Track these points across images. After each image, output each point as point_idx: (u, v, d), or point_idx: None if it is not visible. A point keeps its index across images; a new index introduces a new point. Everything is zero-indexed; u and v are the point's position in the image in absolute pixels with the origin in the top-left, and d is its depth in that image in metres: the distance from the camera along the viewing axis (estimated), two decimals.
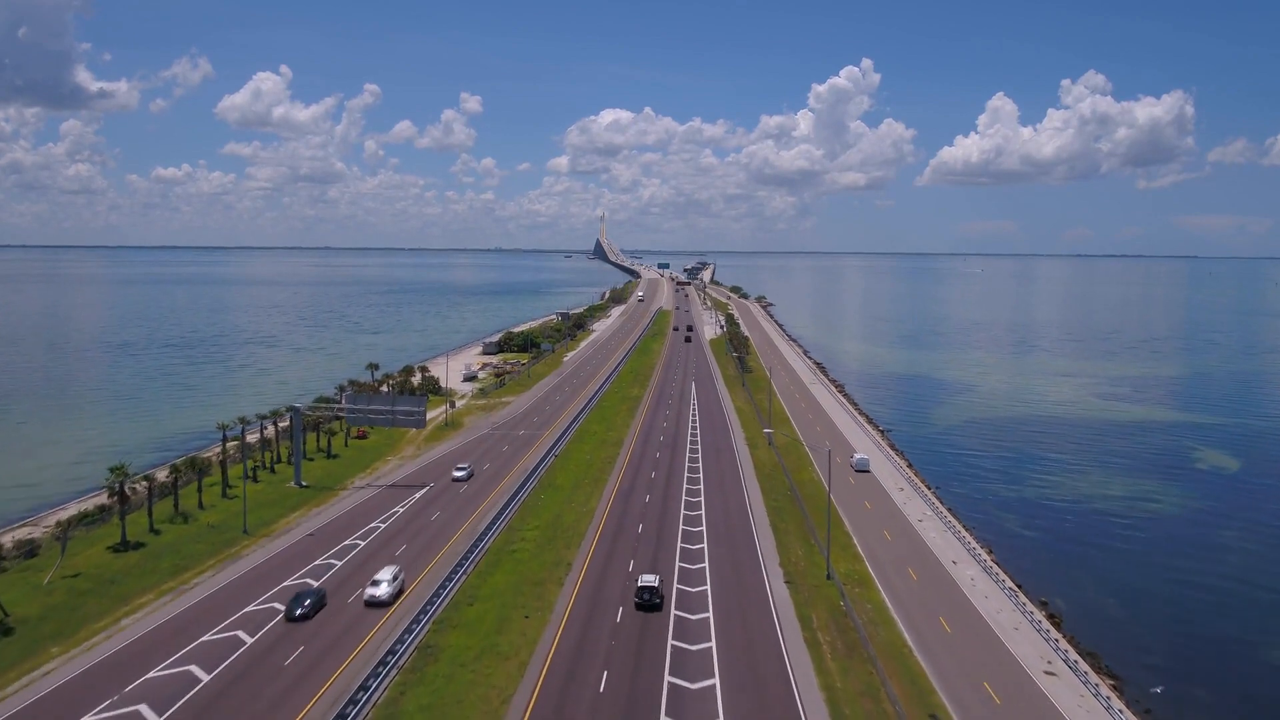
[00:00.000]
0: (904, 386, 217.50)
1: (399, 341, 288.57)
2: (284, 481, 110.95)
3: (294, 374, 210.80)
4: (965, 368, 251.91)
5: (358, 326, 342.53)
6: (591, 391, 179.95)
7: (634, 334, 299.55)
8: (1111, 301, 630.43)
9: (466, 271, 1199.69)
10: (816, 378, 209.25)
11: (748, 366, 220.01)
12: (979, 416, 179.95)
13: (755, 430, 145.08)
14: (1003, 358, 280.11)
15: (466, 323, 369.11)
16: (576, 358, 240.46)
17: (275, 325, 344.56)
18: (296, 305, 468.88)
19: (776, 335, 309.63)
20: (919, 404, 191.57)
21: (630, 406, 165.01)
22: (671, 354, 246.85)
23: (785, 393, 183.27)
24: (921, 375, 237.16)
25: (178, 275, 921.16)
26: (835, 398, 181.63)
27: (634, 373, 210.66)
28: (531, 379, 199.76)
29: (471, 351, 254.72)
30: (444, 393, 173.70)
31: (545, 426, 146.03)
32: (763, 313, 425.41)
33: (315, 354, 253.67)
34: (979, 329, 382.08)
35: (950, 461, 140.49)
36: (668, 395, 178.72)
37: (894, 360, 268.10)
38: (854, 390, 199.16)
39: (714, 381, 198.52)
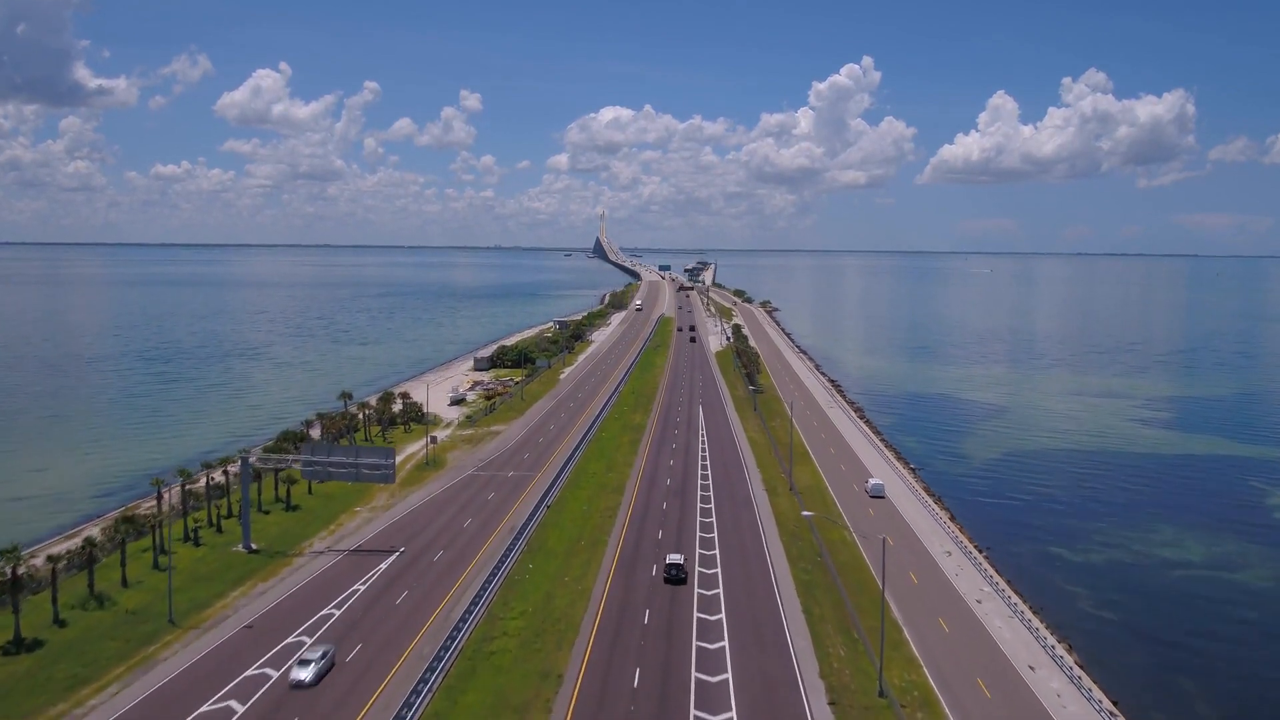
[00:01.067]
0: (928, 410, 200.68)
1: (387, 354, 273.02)
2: (232, 544, 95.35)
3: (268, 396, 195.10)
4: (990, 386, 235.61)
5: (346, 336, 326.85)
6: (590, 418, 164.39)
7: (635, 345, 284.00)
8: (1126, 305, 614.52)
9: (465, 272, 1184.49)
10: (833, 399, 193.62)
11: (758, 385, 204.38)
12: (1016, 449, 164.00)
13: (773, 470, 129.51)
14: (1028, 373, 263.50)
15: (460, 331, 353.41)
16: (574, 374, 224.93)
17: (260, 334, 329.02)
18: (286, 311, 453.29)
19: (785, 346, 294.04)
20: (948, 434, 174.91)
21: (633, 438, 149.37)
22: (676, 370, 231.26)
23: (801, 418, 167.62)
24: (944, 396, 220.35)
25: (171, 275, 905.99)
26: (856, 425, 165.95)
27: (636, 393, 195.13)
28: (525, 401, 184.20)
29: (462, 367, 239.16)
30: (427, 421, 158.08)
31: (538, 465, 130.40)
32: (768, 319, 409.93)
33: (296, 370, 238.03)
34: (997, 339, 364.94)
35: (996, 512, 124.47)
36: (673, 422, 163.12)
37: (912, 376, 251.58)
38: (875, 415, 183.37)
39: (723, 404, 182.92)
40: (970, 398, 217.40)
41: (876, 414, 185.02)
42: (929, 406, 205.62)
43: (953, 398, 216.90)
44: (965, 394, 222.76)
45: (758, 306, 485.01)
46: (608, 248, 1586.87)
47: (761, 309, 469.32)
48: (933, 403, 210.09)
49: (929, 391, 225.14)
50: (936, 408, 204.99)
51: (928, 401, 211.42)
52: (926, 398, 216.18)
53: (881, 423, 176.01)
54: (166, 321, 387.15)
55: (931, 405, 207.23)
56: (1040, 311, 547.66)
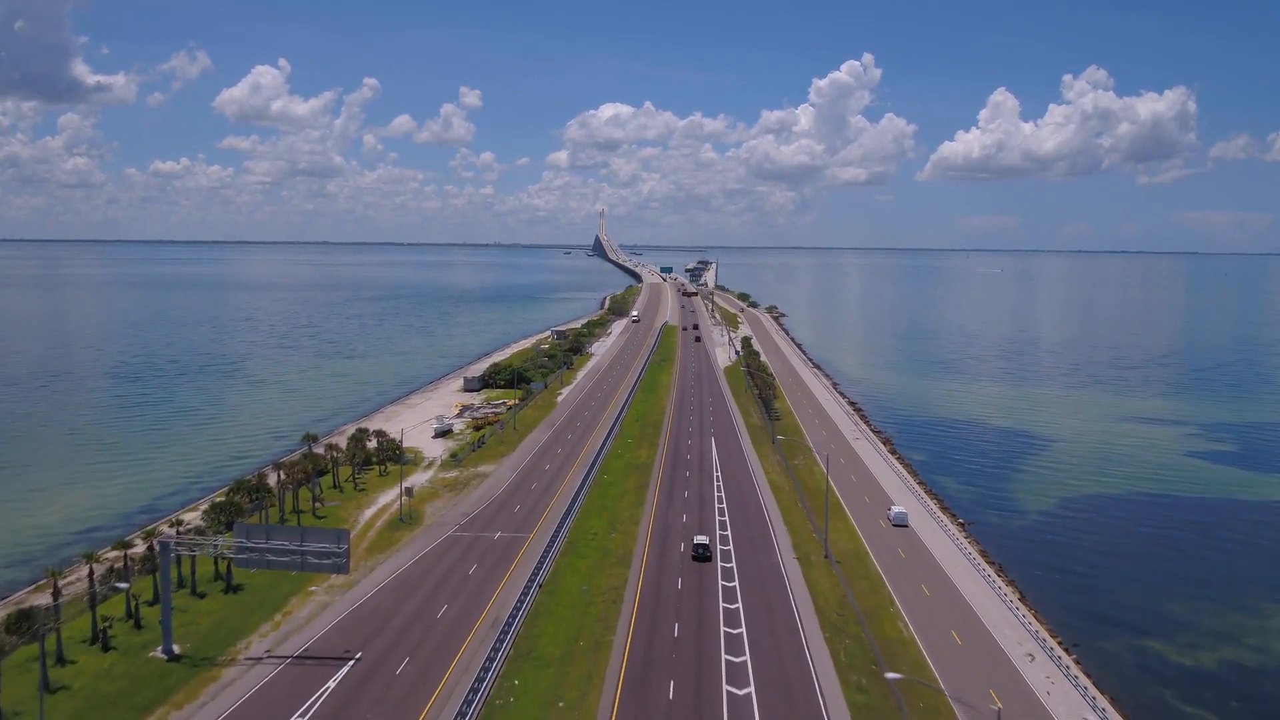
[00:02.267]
0: (964, 442, 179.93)
1: (373, 371, 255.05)
2: (151, 644, 77.63)
3: (235, 427, 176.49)
4: (1029, 410, 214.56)
5: (332, 348, 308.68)
6: (590, 455, 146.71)
7: (638, 359, 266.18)
8: (1147, 310, 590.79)
9: (463, 271, 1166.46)
10: (858, 427, 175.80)
11: (775, 411, 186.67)
12: (1081, 493, 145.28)
13: (802, 528, 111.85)
14: (1067, 392, 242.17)
15: (452, 341, 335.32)
16: (572, 395, 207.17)
17: (241, 346, 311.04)
18: (273, 317, 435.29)
19: (797, 359, 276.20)
20: (994, 475, 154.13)
21: (638, 482, 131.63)
22: (683, 391, 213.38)
23: (824, 452, 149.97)
24: (980, 423, 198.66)
25: (164, 276, 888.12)
26: (889, 464, 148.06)
27: (641, 419, 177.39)
28: (518, 432, 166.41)
29: (451, 386, 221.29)
30: (405, 461, 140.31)
31: (530, 522, 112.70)
32: (775, 326, 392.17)
33: (271, 392, 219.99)
34: (1025, 351, 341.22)
35: (1079, 594, 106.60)
36: (683, 460, 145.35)
37: (941, 399, 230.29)
38: (908, 448, 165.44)
39: (737, 436, 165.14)
40: (1011, 426, 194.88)
41: (909, 447, 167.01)
42: (960, 436, 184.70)
43: (992, 427, 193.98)
44: (1005, 421, 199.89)
45: (764, 312, 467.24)
46: (607, 245, 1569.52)
47: (768, 315, 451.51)
48: (968, 433, 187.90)
49: (961, 417, 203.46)
50: (967, 436, 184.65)
51: (963, 432, 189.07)
52: (960, 427, 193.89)
53: (915, 458, 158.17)
54: (146, 330, 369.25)
55: (961, 434, 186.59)
56: (1063, 318, 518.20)
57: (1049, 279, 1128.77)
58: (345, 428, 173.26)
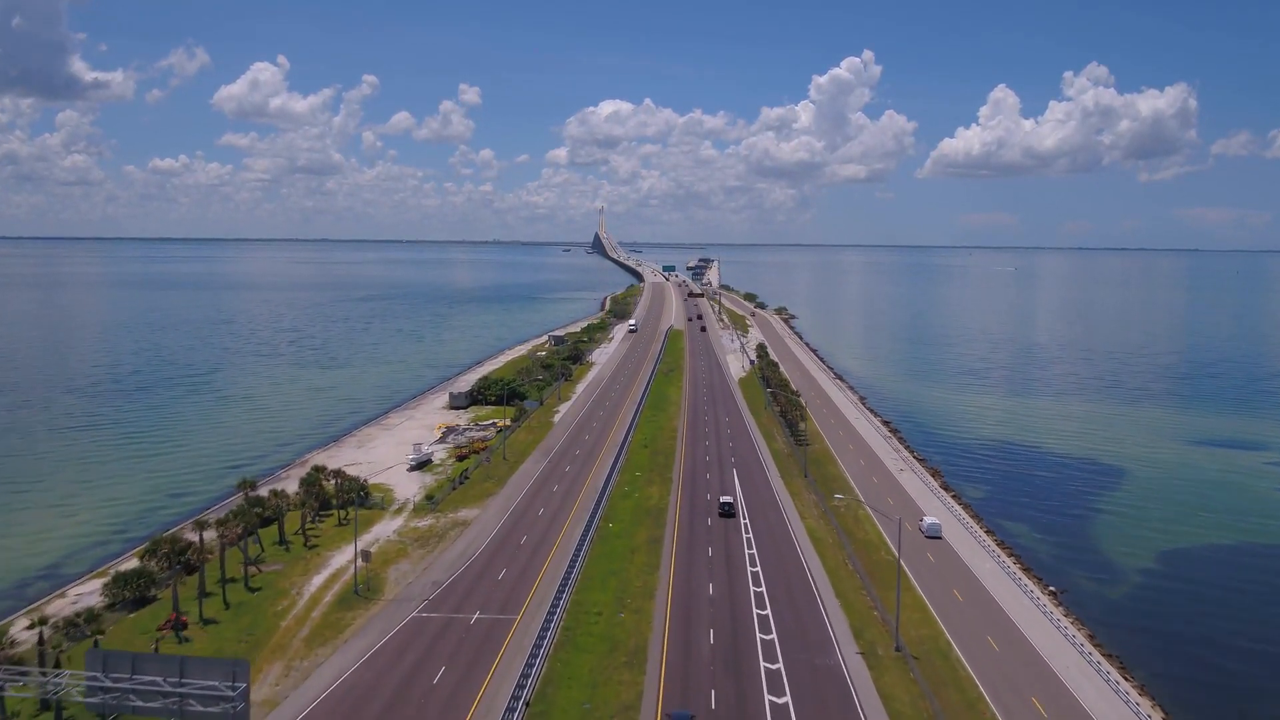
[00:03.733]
0: (1023, 477, 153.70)
1: (351, 384, 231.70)
2: None
3: (178, 460, 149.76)
4: (1088, 431, 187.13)
5: (312, 355, 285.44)
6: (592, 493, 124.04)
7: (644, 369, 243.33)
8: (1180, 313, 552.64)
9: (461, 270, 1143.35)
10: (900, 456, 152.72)
11: (801, 434, 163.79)
12: (1191, 545, 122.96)
13: (859, 604, 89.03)
14: (1125, 408, 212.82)
15: (442, 348, 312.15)
16: (571, 413, 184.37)
17: (215, 353, 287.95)
18: (256, 320, 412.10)
19: (816, 368, 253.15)
20: (1073, 523, 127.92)
21: (650, 535, 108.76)
22: (695, 407, 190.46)
23: (870, 492, 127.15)
24: (1038, 450, 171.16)
25: (155, 274, 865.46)
26: (946, 504, 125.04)
27: (650, 446, 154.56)
28: (508, 462, 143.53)
29: (435, 402, 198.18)
30: (369, 504, 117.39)
31: (518, 596, 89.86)
32: (787, 329, 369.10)
33: (234, 411, 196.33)
34: (1061, 358, 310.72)
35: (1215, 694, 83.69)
36: (702, 502, 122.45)
37: (983, 415, 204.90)
38: (960, 481, 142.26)
39: (763, 466, 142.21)
40: (1074, 452, 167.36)
41: (962, 478, 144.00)
42: (1025, 472, 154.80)
43: (1052, 455, 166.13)
44: (1066, 446, 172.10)
45: (773, 313, 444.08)
46: (607, 243, 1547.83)
47: (778, 317, 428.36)
48: (1027, 464, 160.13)
49: (1013, 441, 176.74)
50: (1034, 474, 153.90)
51: (1020, 463, 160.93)
52: (1015, 455, 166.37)
53: (973, 495, 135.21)
54: (118, 334, 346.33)
55: (1027, 469, 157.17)
56: (1093, 321, 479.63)
57: (1064, 278, 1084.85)
58: (310, 455, 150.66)
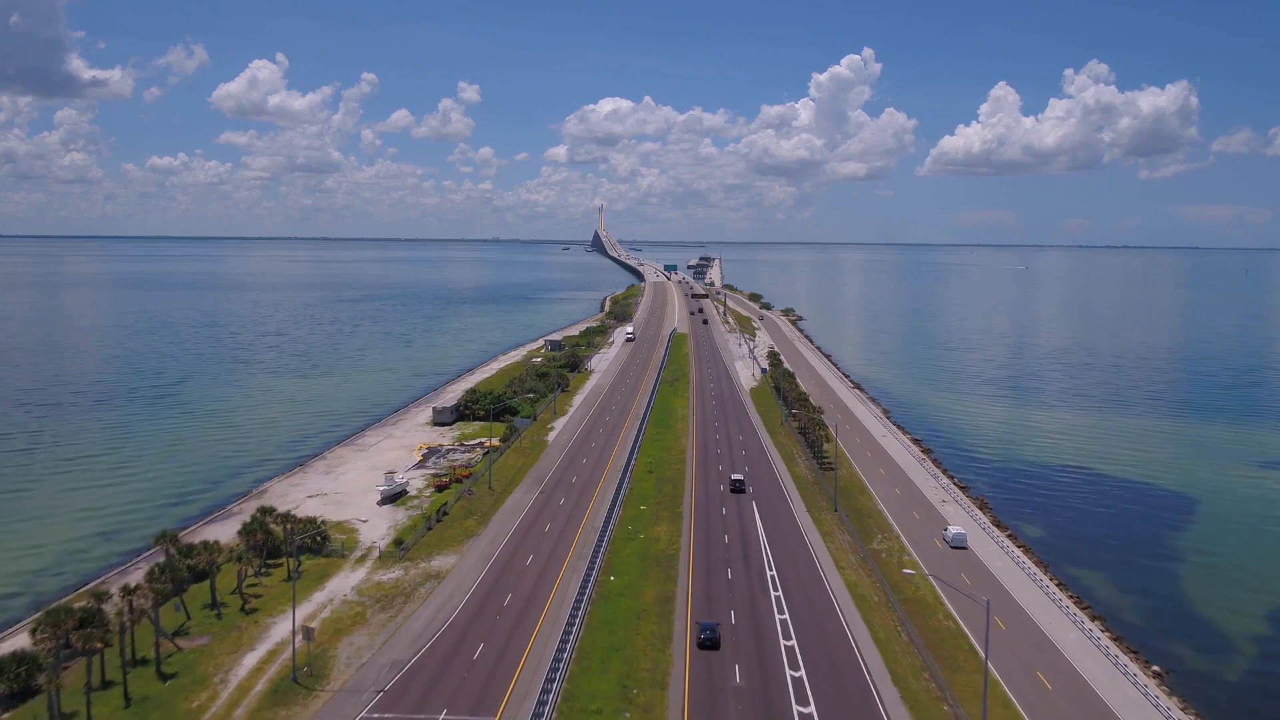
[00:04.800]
0: (1073, 502, 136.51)
1: (329, 395, 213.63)
2: None
3: (119, 496, 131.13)
4: (1141, 452, 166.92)
5: (292, 363, 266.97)
6: (590, 534, 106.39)
7: (647, 377, 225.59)
8: (1209, 315, 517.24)
9: (459, 268, 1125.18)
10: (939, 484, 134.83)
11: (825, 457, 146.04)
12: None
13: (918, 690, 71.40)
14: (1178, 425, 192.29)
15: (431, 353, 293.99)
16: (567, 431, 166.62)
17: (190, 360, 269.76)
18: (239, 322, 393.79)
19: (833, 376, 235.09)
20: (1155, 576, 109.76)
21: (659, 592, 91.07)
22: (704, 423, 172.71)
23: (914, 530, 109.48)
24: (1084, 474, 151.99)
25: (146, 274, 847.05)
26: (1003, 548, 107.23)
27: (655, 472, 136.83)
28: (494, 493, 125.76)
29: (418, 418, 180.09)
30: (328, 552, 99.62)
31: (498, 684, 72.14)
32: (796, 332, 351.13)
33: (194, 429, 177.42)
34: (1094, 365, 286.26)
35: None
36: (719, 545, 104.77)
37: (1018, 431, 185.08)
38: (1011, 514, 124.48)
39: (787, 500, 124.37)
40: (1140, 478, 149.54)
41: (1010, 511, 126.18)
42: (1090, 508, 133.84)
43: (1119, 484, 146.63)
44: (1130, 471, 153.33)
45: (779, 315, 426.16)
46: (606, 241, 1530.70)
47: (785, 318, 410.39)
48: (1082, 492, 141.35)
49: (1061, 464, 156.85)
50: (1096, 508, 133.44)
51: (1075, 491, 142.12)
52: (1069, 480, 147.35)
53: (1031, 533, 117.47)
54: (91, 339, 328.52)
55: (1084, 499, 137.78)
56: (1124, 324, 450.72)
57: (1078, 277, 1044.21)
58: (270, 484, 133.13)
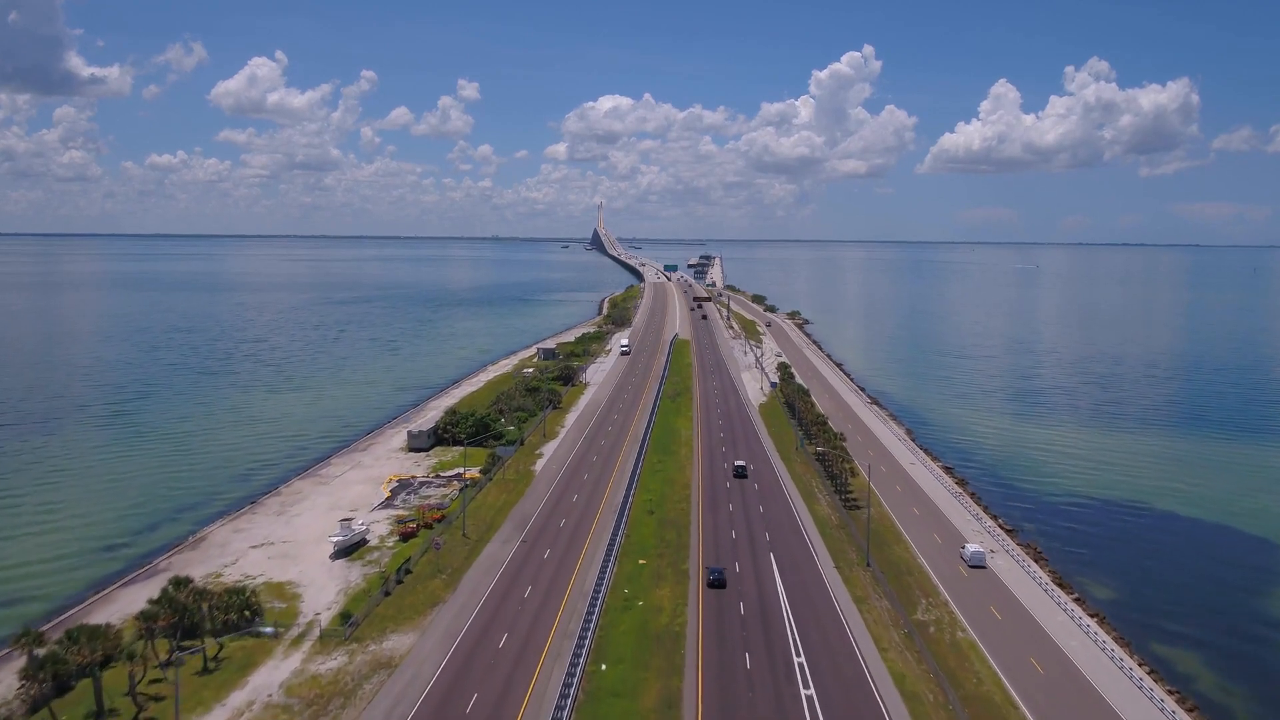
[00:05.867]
0: (1138, 549, 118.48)
1: (299, 413, 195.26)
2: None
3: (31, 549, 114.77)
4: (1213, 486, 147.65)
5: (266, 375, 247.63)
6: (579, 602, 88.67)
7: (647, 391, 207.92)
8: (1238, 319, 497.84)
9: (455, 267, 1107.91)
10: (980, 525, 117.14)
11: (848, 492, 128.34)
12: None
13: None
14: (1253, 451, 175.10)
15: (417, 363, 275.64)
16: (558, 459, 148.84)
17: (155, 372, 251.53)
18: (220, 327, 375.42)
19: (847, 389, 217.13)
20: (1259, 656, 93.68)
21: (662, 686, 73.51)
22: (711, 449, 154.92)
23: (962, 592, 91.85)
24: (1147, 512, 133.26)
25: (136, 274, 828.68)
26: (1069, 613, 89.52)
27: (656, 512, 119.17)
28: (468, 543, 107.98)
29: (392, 441, 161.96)
30: (258, 630, 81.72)
31: None
32: (804, 338, 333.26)
33: (144, 455, 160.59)
34: (1137, 376, 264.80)
35: None
36: (734, 619, 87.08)
37: (1063, 458, 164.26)
38: (1082, 576, 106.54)
39: (811, 552, 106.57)
40: (1214, 518, 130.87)
41: (1075, 564, 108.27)
42: (1161, 555, 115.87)
43: (1191, 524, 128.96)
44: (1199, 509, 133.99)
45: (785, 318, 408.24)
46: (606, 239, 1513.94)
47: (791, 322, 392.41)
48: (1156, 540, 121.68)
49: (1122, 500, 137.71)
50: (1183, 566, 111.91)
51: (1143, 534, 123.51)
52: (1131, 520, 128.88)
53: (1101, 594, 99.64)
54: (57, 347, 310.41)
55: (1165, 554, 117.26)
56: (1160, 330, 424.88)
57: (1090, 277, 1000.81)
58: (208, 530, 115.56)
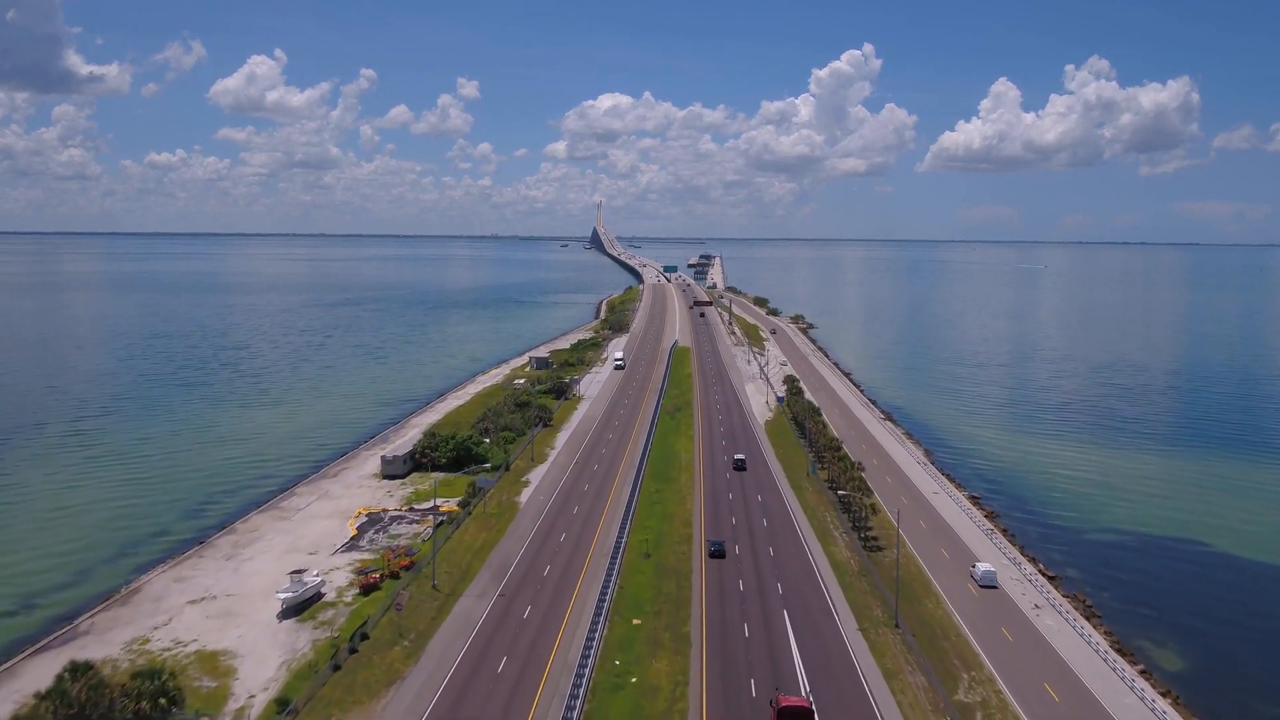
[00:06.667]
0: (1213, 604, 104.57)
1: (270, 434, 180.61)
2: None
3: None
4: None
5: (241, 388, 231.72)
6: (562, 689, 75.17)
7: (645, 407, 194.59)
8: (1248, 321, 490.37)
9: (453, 267, 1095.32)
10: (1021, 571, 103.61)
11: (868, 529, 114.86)
12: None
13: None
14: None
15: (406, 373, 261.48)
16: (545, 488, 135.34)
17: (122, 384, 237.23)
18: (203, 332, 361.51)
19: (860, 405, 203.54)
20: None
21: None
22: (714, 476, 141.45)
23: (1009, 663, 78.35)
24: (1217, 555, 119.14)
25: (128, 274, 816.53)
26: (1138, 693, 76.08)
27: (654, 555, 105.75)
28: (438, 596, 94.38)
29: (365, 466, 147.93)
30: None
31: None
32: (810, 345, 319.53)
33: (90, 485, 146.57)
34: (1163, 387, 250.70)
35: None
36: (744, 700, 73.50)
37: (1112, 487, 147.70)
38: (1145, 641, 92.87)
39: (829, 605, 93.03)
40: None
41: (1132, 624, 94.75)
42: (1241, 609, 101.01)
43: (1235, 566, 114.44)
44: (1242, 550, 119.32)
45: (788, 322, 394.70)
46: (605, 238, 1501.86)
47: (795, 326, 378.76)
48: (1230, 590, 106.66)
49: (1188, 539, 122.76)
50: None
51: (1218, 582, 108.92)
52: (1200, 564, 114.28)
53: (1168, 664, 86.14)
54: (24, 355, 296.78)
55: (1245, 608, 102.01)
56: (1186, 339, 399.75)
57: (1102, 278, 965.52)
58: (144, 579, 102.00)
